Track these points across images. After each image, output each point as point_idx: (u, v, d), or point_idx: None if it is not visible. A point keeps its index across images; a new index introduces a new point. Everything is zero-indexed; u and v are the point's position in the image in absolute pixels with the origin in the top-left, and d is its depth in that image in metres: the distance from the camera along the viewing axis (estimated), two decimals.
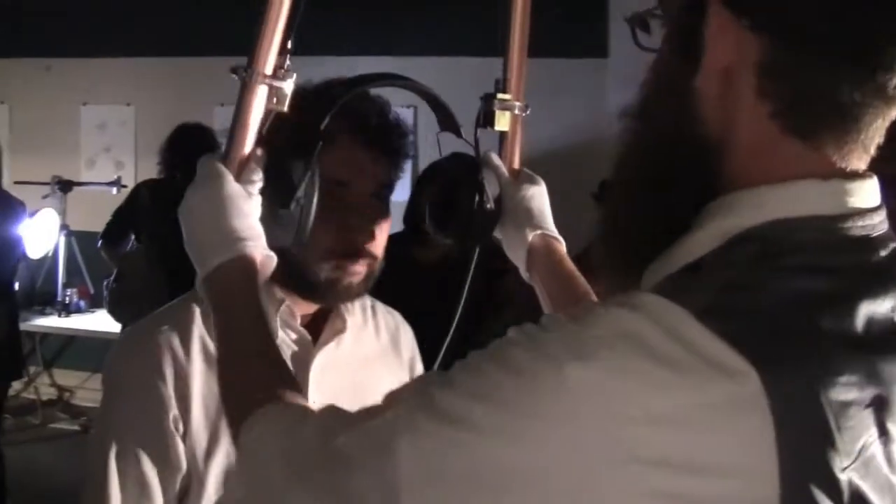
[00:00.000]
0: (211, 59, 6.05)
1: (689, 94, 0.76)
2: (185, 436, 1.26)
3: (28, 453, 5.31)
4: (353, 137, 1.26)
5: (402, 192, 1.54)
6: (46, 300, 5.56)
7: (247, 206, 1.07)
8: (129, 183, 5.77)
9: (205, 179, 1.09)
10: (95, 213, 5.68)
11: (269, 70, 1.12)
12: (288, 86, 1.13)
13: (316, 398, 1.32)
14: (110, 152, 6.44)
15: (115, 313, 4.62)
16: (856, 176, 0.74)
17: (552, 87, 4.77)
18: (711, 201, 0.76)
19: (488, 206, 1.33)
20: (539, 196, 1.37)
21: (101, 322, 5.35)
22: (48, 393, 6.39)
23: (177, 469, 1.26)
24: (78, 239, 5.67)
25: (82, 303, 5.58)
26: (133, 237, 4.67)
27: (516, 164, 1.41)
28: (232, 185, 1.07)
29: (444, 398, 0.70)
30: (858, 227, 0.72)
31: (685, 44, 0.76)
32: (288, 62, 1.13)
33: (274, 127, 1.15)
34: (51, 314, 5.48)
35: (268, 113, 1.14)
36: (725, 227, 0.73)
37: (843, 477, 0.64)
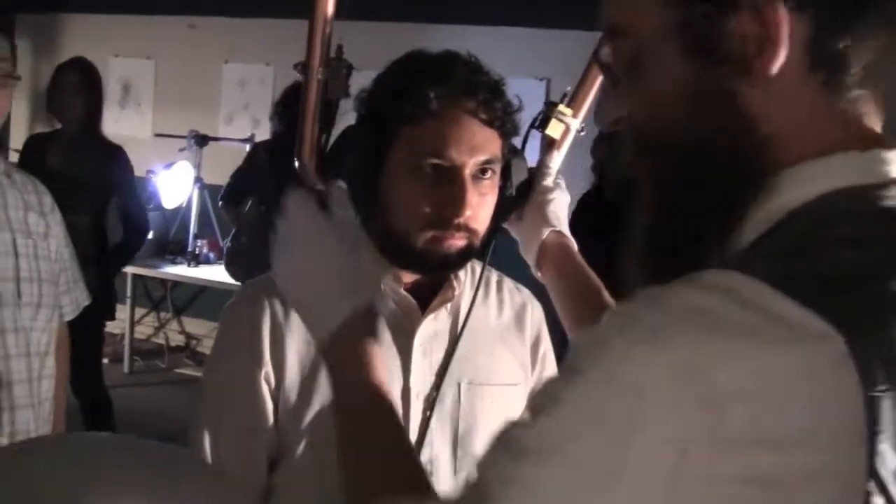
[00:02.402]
0: (347, 22, 6.13)
1: (733, 96, 0.74)
2: (278, 391, 1.32)
3: (154, 395, 5.56)
4: (456, 110, 1.27)
5: None
6: (178, 250, 5.77)
7: (347, 256, 1.04)
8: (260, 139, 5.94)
9: (299, 234, 1.06)
10: (229, 168, 5.87)
11: (320, 64, 1.25)
12: (341, 75, 1.25)
13: (422, 364, 1.36)
14: (248, 110, 6.63)
15: (231, 271, 4.79)
16: (888, 145, 0.74)
17: None
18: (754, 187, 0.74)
19: (509, 192, 1.37)
20: (560, 201, 1.42)
21: (227, 274, 5.51)
22: (177, 340, 6.67)
23: (263, 420, 1.32)
24: (211, 192, 5.86)
25: (211, 255, 5.77)
26: (251, 198, 4.78)
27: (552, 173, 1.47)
28: (328, 237, 1.04)
29: (533, 436, 0.68)
30: None
31: (716, 49, 0.73)
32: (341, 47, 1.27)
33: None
34: (181, 263, 5.69)
35: (328, 103, 1.25)
36: (774, 208, 0.73)
37: None
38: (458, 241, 1.29)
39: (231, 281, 5.35)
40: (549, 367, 1.51)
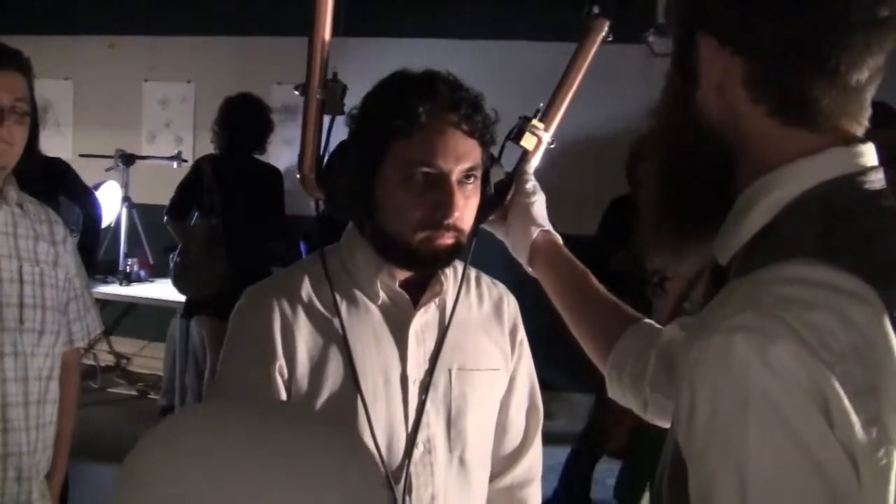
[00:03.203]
0: (269, 38, 6.26)
1: (694, 104, 0.95)
2: (290, 381, 1.45)
3: (90, 415, 5.54)
4: (442, 124, 1.42)
5: None
6: (109, 269, 5.77)
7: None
8: (189, 157, 5.99)
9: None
10: (156, 186, 5.90)
11: (319, 85, 1.44)
12: (338, 94, 1.45)
13: (417, 353, 1.51)
14: (170, 127, 6.67)
15: (180, 285, 4.80)
16: (863, 141, 0.92)
17: (605, 67, 4.85)
18: (743, 183, 0.94)
19: (489, 194, 1.54)
20: (541, 202, 1.58)
21: (160, 291, 5.56)
22: (106, 359, 6.63)
23: None
24: (139, 211, 5.88)
25: (142, 272, 5.78)
26: (196, 212, 4.86)
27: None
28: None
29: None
30: (878, 180, 0.90)
31: (684, 66, 0.95)
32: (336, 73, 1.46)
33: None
34: (112, 283, 5.68)
35: (321, 117, 1.47)
36: (776, 199, 0.90)
37: None
38: (448, 240, 1.44)
39: (161, 297, 5.40)
40: (526, 353, 1.68)
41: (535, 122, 1.59)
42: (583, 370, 1.60)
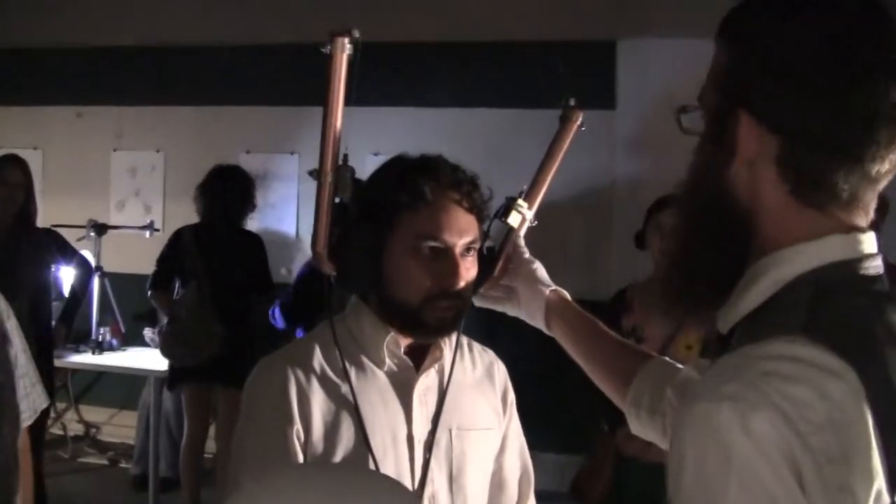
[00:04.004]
0: (237, 108, 6.40)
1: (725, 175, 1.04)
2: (306, 444, 1.55)
3: (63, 485, 5.52)
4: (446, 200, 1.56)
5: None
6: (80, 338, 5.79)
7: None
8: (160, 226, 6.07)
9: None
10: (128, 255, 5.98)
11: (330, 170, 1.56)
12: (348, 178, 1.57)
13: (420, 414, 1.62)
14: (139, 196, 6.74)
15: (171, 354, 4.86)
16: (864, 230, 1.02)
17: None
18: (753, 257, 1.04)
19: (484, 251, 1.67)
20: (542, 268, 1.69)
21: (132, 359, 5.60)
22: (75, 429, 6.61)
23: None
24: (111, 280, 5.93)
25: (114, 341, 5.81)
26: (179, 281, 4.95)
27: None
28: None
29: None
30: (873, 266, 1.00)
31: (719, 138, 1.04)
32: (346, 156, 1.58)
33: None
34: (84, 351, 5.70)
35: (332, 200, 1.57)
36: (778, 277, 1.00)
37: None
38: (452, 308, 1.57)
39: (133, 365, 5.43)
40: (515, 414, 1.79)
41: (520, 201, 1.73)
42: (555, 430, 1.72)
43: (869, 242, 1.01)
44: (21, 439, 2.09)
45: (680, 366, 1.45)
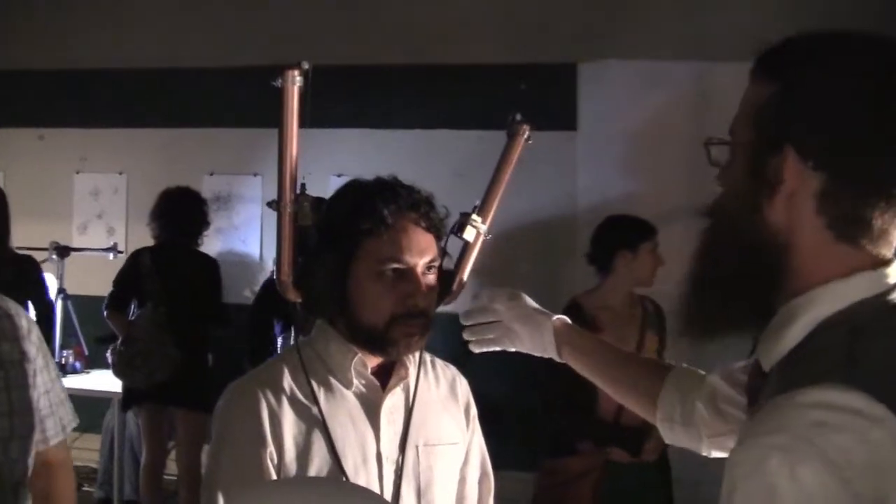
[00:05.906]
0: (200, 130, 6.41)
1: (761, 208, 1.07)
2: (279, 465, 1.58)
3: None
4: (405, 222, 1.61)
5: None
6: None
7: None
8: (123, 248, 6.05)
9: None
10: (90, 277, 5.94)
11: (290, 200, 1.63)
12: (307, 208, 1.63)
13: (388, 433, 1.66)
14: (102, 218, 6.71)
15: (125, 375, 4.83)
16: (889, 262, 1.06)
17: (526, 157, 5.10)
18: (785, 290, 1.07)
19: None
20: (527, 297, 1.71)
21: (95, 382, 5.58)
22: None
23: None
24: (74, 302, 5.89)
25: (77, 364, 5.78)
26: (135, 302, 4.94)
27: (467, 271, 1.83)
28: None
29: None
30: None
31: (758, 171, 1.07)
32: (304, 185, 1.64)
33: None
34: None
35: (296, 228, 1.64)
36: (813, 317, 1.04)
37: None
38: (417, 326, 1.62)
39: (97, 388, 5.40)
40: (478, 428, 1.85)
41: (474, 216, 1.79)
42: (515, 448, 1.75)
43: (895, 273, 1.05)
44: (55, 453, 2.11)
45: (700, 372, 1.49)
